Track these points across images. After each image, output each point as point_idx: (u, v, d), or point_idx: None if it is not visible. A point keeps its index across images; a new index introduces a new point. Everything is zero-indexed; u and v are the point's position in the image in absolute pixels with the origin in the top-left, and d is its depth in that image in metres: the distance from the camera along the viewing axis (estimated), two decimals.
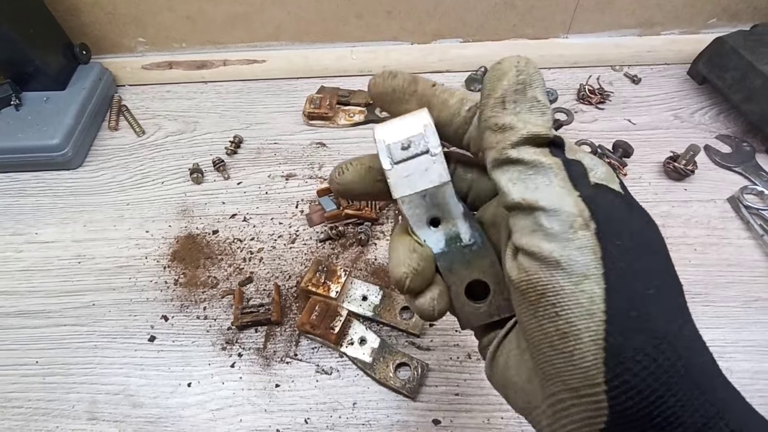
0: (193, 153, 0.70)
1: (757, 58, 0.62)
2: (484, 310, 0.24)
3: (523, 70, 0.20)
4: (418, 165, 0.22)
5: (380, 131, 0.22)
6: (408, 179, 0.22)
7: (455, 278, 0.24)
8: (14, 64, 0.68)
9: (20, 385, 0.51)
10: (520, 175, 0.19)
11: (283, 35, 0.77)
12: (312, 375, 0.50)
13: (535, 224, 0.18)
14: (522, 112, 0.19)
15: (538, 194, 0.18)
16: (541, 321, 0.18)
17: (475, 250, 0.24)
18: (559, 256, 0.17)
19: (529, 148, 0.19)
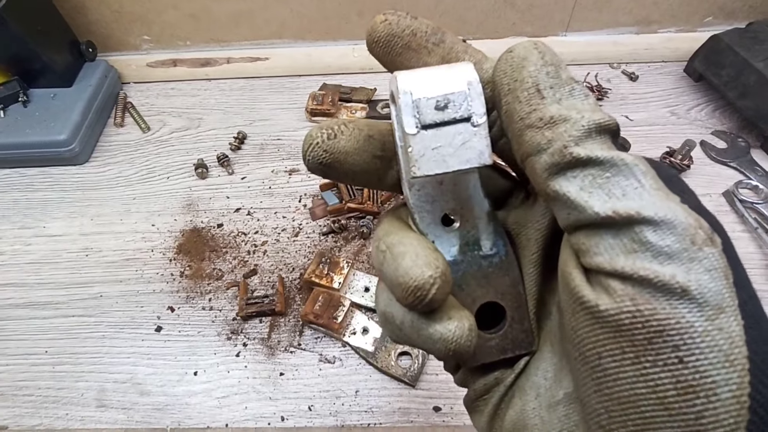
0: (198, 149, 0.71)
1: (753, 55, 0.64)
2: (496, 342, 0.19)
3: (546, 51, 0.16)
4: (454, 135, 0.16)
5: (405, 79, 0.16)
6: (437, 153, 0.16)
7: (465, 298, 0.18)
8: (22, 61, 0.69)
9: (30, 374, 0.52)
10: (595, 179, 0.14)
11: (286, 33, 0.78)
12: (315, 364, 0.51)
13: (636, 242, 0.13)
14: (564, 98, 0.15)
15: (632, 202, 0.14)
16: (651, 370, 0.13)
17: (496, 264, 0.18)
18: (686, 282, 0.13)
19: (596, 141, 0.14)
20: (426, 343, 0.16)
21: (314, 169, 0.18)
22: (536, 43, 0.16)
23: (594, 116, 0.15)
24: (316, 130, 0.18)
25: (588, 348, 0.14)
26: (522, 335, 0.19)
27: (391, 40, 0.18)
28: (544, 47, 0.16)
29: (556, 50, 0.62)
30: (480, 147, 0.16)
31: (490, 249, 0.19)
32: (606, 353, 0.14)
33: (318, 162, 0.18)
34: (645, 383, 0.13)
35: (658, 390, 0.13)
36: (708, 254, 0.13)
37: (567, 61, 0.76)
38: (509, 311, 0.19)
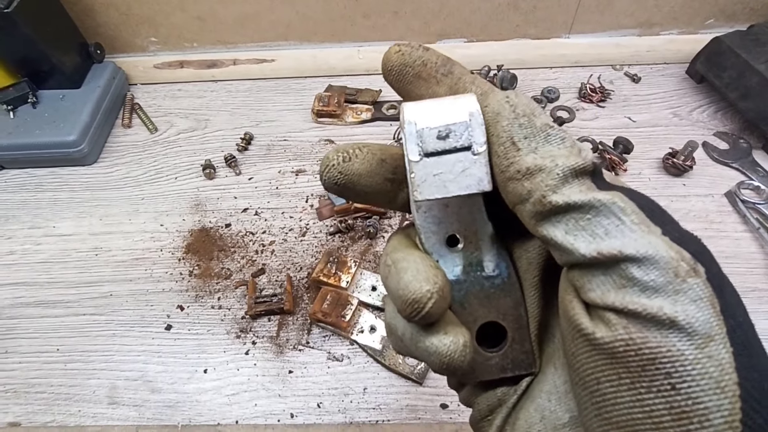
0: (205, 149, 0.72)
1: (754, 57, 0.64)
2: (496, 362, 0.19)
3: (518, 103, 0.16)
4: (454, 163, 0.17)
5: (411, 110, 0.17)
6: (438, 179, 0.17)
7: (467, 316, 0.19)
8: (32, 62, 0.70)
9: (42, 372, 0.53)
10: (578, 222, 0.15)
11: (291, 35, 0.79)
12: (324, 362, 0.52)
13: (623, 278, 0.14)
14: (540, 146, 0.16)
15: (614, 242, 0.14)
16: (645, 396, 0.13)
17: (498, 285, 0.19)
18: (673, 314, 0.13)
19: (572, 186, 0.15)
20: (423, 355, 0.17)
21: (330, 189, 0.19)
22: (508, 96, 0.17)
23: (568, 162, 0.15)
24: (333, 152, 0.19)
25: (587, 373, 0.15)
26: (522, 356, 0.19)
27: (404, 69, 0.19)
28: (516, 98, 0.17)
29: (559, 52, 0.63)
30: (479, 174, 0.17)
31: (492, 270, 0.19)
32: (604, 378, 0.14)
33: (333, 183, 0.19)
34: (641, 409, 0.14)
35: (654, 416, 0.13)
36: (692, 285, 0.13)
37: (570, 63, 0.77)
38: (510, 331, 0.19)
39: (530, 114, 0.16)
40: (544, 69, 0.78)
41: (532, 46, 0.78)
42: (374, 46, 0.79)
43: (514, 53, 0.78)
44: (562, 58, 0.78)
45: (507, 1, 0.73)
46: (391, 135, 0.70)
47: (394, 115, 0.73)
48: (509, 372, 0.19)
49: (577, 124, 0.71)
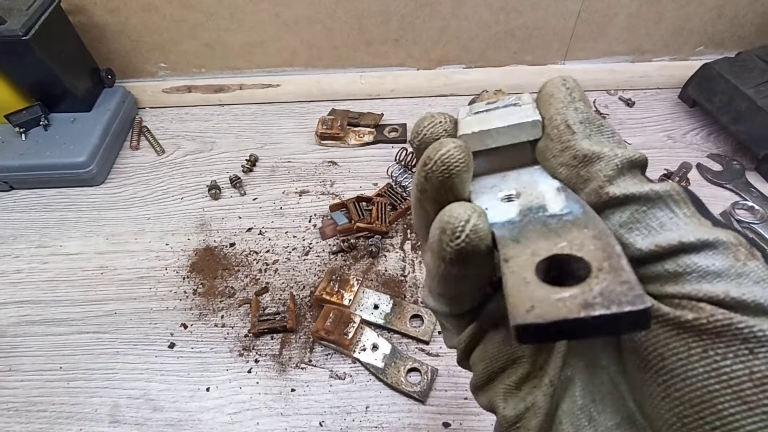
0: (211, 171, 0.74)
1: (743, 82, 0.67)
2: (573, 296, 0.12)
3: (574, 88, 0.17)
4: (502, 110, 0.17)
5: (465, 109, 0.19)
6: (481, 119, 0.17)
7: (522, 250, 0.14)
8: (45, 87, 0.72)
9: (45, 390, 0.53)
10: (633, 215, 0.15)
11: (296, 61, 0.82)
12: (326, 380, 0.52)
13: (683, 267, 0.14)
14: (594, 134, 0.16)
15: (670, 234, 0.14)
16: (722, 362, 0.13)
17: (569, 220, 0.15)
18: (740, 296, 0.13)
19: (628, 179, 0.15)
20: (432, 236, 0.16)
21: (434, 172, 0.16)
22: (565, 79, 0.17)
23: (626, 153, 0.15)
24: (451, 141, 0.16)
25: (649, 351, 0.14)
26: (620, 288, 0.12)
27: None
28: (573, 83, 0.17)
29: None
30: (527, 111, 0.17)
31: (560, 210, 0.15)
32: (669, 353, 0.13)
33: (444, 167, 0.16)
34: (718, 378, 0.12)
35: (733, 384, 0.12)
36: (753, 268, 0.13)
37: None
38: (593, 262, 0.13)
39: (586, 101, 0.16)
40: None
41: (529, 72, 0.81)
42: (376, 71, 0.82)
43: (511, 78, 0.80)
44: None
45: (504, 30, 0.76)
46: (392, 157, 0.71)
47: (396, 137, 0.75)
48: (598, 308, 0.12)
49: None
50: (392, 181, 0.68)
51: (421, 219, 0.18)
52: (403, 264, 0.60)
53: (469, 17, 0.75)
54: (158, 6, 0.74)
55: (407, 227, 0.64)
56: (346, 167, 0.72)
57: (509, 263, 0.14)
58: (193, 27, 0.77)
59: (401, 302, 0.56)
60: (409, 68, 0.82)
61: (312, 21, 0.76)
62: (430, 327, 0.54)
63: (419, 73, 0.82)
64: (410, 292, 0.58)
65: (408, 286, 0.58)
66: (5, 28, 0.63)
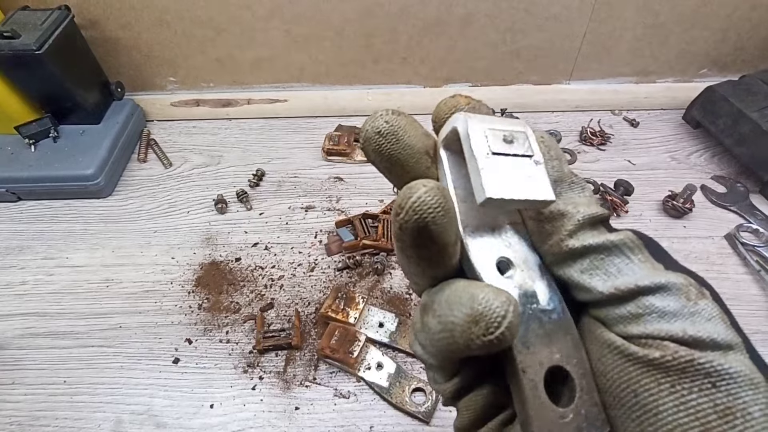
0: (218, 185, 0.74)
1: (746, 106, 0.67)
2: (571, 420, 0.16)
3: (551, 146, 0.17)
4: (521, 167, 0.16)
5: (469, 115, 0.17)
6: (505, 179, 0.16)
7: (532, 359, 0.16)
8: (56, 99, 0.73)
9: (48, 404, 0.53)
10: (592, 262, 0.16)
11: (304, 77, 0.83)
12: (330, 398, 0.52)
13: (642, 308, 0.15)
14: (564, 191, 0.17)
15: (628, 277, 0.15)
16: (688, 396, 0.14)
17: (555, 320, 0.17)
18: (696, 333, 0.14)
19: (589, 232, 0.16)
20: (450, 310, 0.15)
21: (370, 140, 0.18)
22: (543, 137, 0.17)
23: (589, 210, 0.16)
24: (383, 109, 0.18)
25: (621, 389, 0.15)
26: (594, 409, 0.16)
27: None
28: (550, 141, 0.18)
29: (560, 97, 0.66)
30: (544, 183, 0.16)
31: (547, 303, 0.17)
32: (641, 389, 0.14)
33: (377, 131, 0.18)
34: (686, 411, 0.14)
35: (700, 416, 0.13)
36: (704, 306, 0.15)
37: (571, 108, 0.81)
38: (577, 379, 0.16)
39: (560, 158, 0.17)
40: (546, 113, 0.82)
41: (534, 91, 0.82)
42: (383, 88, 0.83)
43: (516, 97, 0.81)
44: (563, 102, 0.81)
45: (510, 50, 0.77)
46: None
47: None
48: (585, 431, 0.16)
49: (578, 166, 0.73)
50: None
51: (406, 266, 0.18)
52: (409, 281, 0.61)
53: (476, 37, 0.76)
54: (170, 22, 0.75)
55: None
56: (352, 183, 0.73)
57: (527, 374, 0.16)
58: (204, 42, 0.78)
59: (406, 321, 0.56)
60: (415, 86, 0.83)
61: (321, 38, 0.77)
62: None
63: (426, 91, 0.83)
64: (415, 310, 0.58)
65: (413, 305, 0.58)
66: (19, 43, 0.64)
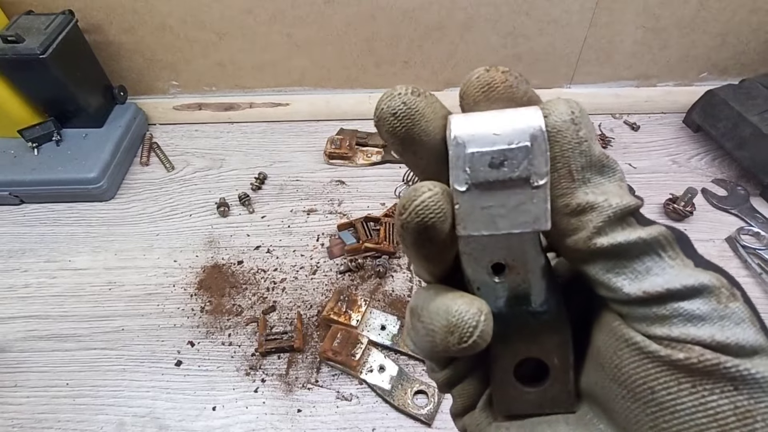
0: (220, 188, 0.74)
1: (746, 109, 0.68)
2: (533, 398, 0.17)
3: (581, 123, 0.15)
4: (508, 195, 0.14)
5: (460, 125, 0.15)
6: (487, 213, 0.14)
7: (506, 351, 0.17)
8: (59, 103, 0.73)
9: (51, 407, 0.53)
10: (620, 260, 0.15)
11: (306, 81, 0.83)
12: (332, 401, 0.52)
13: (669, 311, 0.14)
14: (594, 178, 0.15)
15: (657, 279, 0.15)
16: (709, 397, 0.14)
17: (545, 321, 0.17)
18: (724, 340, 0.14)
19: (618, 227, 0.15)
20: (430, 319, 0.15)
21: (384, 121, 0.16)
22: (573, 111, 0.15)
23: (621, 202, 0.15)
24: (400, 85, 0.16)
25: (638, 384, 0.15)
26: (563, 395, 0.17)
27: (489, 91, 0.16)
28: (580, 115, 0.15)
29: None
30: (536, 211, 0.14)
31: (539, 305, 0.17)
32: (659, 387, 0.14)
33: (392, 113, 0.16)
34: (705, 412, 0.14)
35: (719, 418, 0.13)
36: (734, 309, 0.14)
37: None
38: (553, 370, 0.17)
39: (590, 138, 0.15)
40: None
41: None
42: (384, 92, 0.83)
43: None
44: None
45: (511, 53, 0.78)
46: (400, 177, 0.72)
47: None
48: (546, 409, 0.18)
49: None
50: None
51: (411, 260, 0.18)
52: (411, 284, 0.61)
53: (477, 41, 0.76)
54: (172, 26, 0.75)
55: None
56: (354, 186, 0.73)
57: (497, 363, 0.17)
58: (206, 47, 0.78)
59: None
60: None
61: (323, 42, 0.77)
62: None
63: None
64: (407, 309, 0.58)
65: None
66: (23, 47, 0.65)
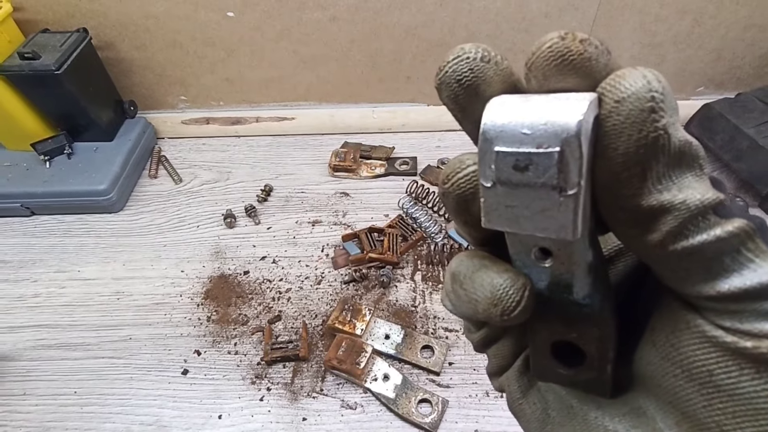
0: (227, 200, 0.76)
1: (743, 122, 0.69)
2: (567, 376, 0.17)
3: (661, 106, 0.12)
4: (533, 199, 0.13)
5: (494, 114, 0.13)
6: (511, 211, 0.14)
7: (545, 329, 0.17)
8: (72, 118, 0.75)
9: (59, 415, 0.53)
10: (696, 260, 0.13)
11: (311, 96, 0.85)
12: (337, 410, 0.52)
13: (742, 308, 0.13)
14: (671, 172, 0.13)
15: (733, 279, 0.13)
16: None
17: (587, 313, 0.16)
18: None
19: (696, 225, 0.13)
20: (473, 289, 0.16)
21: (447, 86, 0.14)
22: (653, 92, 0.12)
23: (702, 198, 0.13)
24: (471, 45, 0.14)
25: (696, 365, 0.14)
26: (598, 384, 0.17)
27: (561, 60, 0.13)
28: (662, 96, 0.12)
29: None
30: (563, 220, 0.13)
31: (582, 298, 0.15)
32: (719, 370, 0.14)
33: (457, 78, 0.14)
34: (766, 398, 0.13)
35: None
36: None
37: None
38: (589, 358, 0.16)
39: (672, 125, 0.12)
40: None
41: None
42: (388, 107, 0.85)
43: None
44: None
45: None
46: (403, 189, 0.73)
47: (406, 170, 0.77)
48: (579, 389, 0.18)
49: None
50: (403, 213, 0.70)
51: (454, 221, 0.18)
52: (414, 294, 0.62)
53: None
54: (183, 43, 0.78)
55: (418, 258, 0.66)
56: (358, 198, 0.74)
57: (535, 336, 0.17)
58: (215, 63, 0.80)
59: (412, 333, 0.57)
60: (419, 104, 0.85)
61: (327, 58, 0.79)
62: (440, 358, 0.55)
63: (429, 109, 0.85)
64: (421, 322, 0.59)
65: (419, 317, 0.59)
66: (39, 63, 0.67)
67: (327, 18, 0.74)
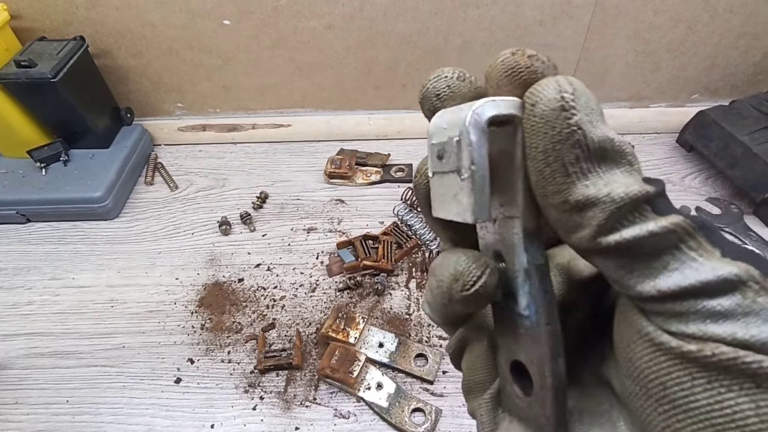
0: (222, 207, 0.76)
1: (737, 129, 0.69)
2: (522, 406, 0.17)
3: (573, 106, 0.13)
4: (450, 185, 0.15)
5: (437, 116, 0.16)
6: (442, 198, 0.15)
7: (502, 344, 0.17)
8: (68, 125, 0.75)
9: (51, 424, 0.53)
10: (632, 257, 0.13)
11: (307, 103, 0.85)
12: (330, 419, 0.52)
13: (686, 308, 0.13)
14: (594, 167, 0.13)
15: (674, 276, 0.13)
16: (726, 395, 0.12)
17: (528, 327, 0.16)
18: (748, 338, 0.12)
19: (628, 219, 0.13)
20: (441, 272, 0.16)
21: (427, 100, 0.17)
22: (563, 94, 0.13)
23: (628, 191, 0.13)
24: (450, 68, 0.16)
25: (650, 379, 0.13)
26: (543, 419, 0.16)
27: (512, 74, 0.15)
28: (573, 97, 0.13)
29: None
30: (465, 203, 0.14)
31: (523, 309, 0.16)
32: (671, 382, 0.13)
33: (436, 93, 0.16)
34: (721, 411, 0.12)
35: (737, 418, 0.12)
36: (763, 304, 0.12)
37: None
38: (535, 386, 0.16)
39: (588, 123, 0.13)
40: None
41: None
42: (383, 113, 0.86)
43: None
44: None
45: None
46: (399, 196, 0.73)
47: (402, 177, 0.77)
48: (531, 425, 0.17)
49: None
50: (398, 220, 0.70)
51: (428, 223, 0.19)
52: (408, 302, 0.61)
53: (473, 64, 0.79)
54: (179, 50, 0.78)
55: (412, 266, 0.65)
56: (353, 205, 0.75)
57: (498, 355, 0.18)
58: (211, 70, 0.81)
59: (406, 341, 0.57)
60: (415, 111, 0.86)
61: (324, 66, 0.80)
62: (434, 367, 0.55)
63: None
64: (415, 330, 0.59)
65: (413, 325, 0.59)
66: (36, 71, 0.67)
67: (323, 26, 0.74)
